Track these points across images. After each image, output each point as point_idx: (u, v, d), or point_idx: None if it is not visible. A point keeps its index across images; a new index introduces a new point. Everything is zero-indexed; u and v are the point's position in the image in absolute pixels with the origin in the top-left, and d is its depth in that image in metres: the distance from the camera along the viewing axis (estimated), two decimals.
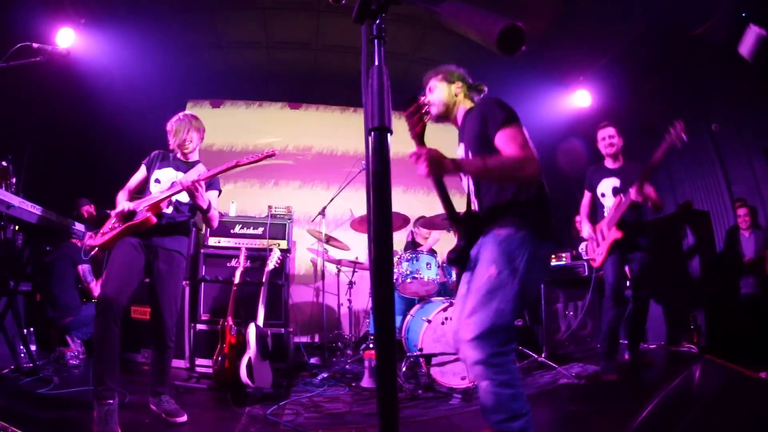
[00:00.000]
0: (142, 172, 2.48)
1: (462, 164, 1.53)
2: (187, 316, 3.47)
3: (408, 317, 3.34)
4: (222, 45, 5.03)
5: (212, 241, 3.67)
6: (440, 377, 2.82)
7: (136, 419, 2.17)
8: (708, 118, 4.42)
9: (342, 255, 4.30)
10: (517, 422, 1.40)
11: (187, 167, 2.47)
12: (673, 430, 1.09)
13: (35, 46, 2.16)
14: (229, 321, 2.84)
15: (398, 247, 4.32)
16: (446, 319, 2.93)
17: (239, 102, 5.85)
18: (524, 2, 4.06)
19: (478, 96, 1.82)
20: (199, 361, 3.31)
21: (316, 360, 3.85)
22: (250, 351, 2.70)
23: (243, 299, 3.07)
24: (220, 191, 2.59)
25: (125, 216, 2.27)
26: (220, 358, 2.74)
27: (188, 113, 2.53)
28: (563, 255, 4.29)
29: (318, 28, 4.68)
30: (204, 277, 3.58)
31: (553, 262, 4.28)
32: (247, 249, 3.37)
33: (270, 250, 3.35)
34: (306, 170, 5.77)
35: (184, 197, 2.35)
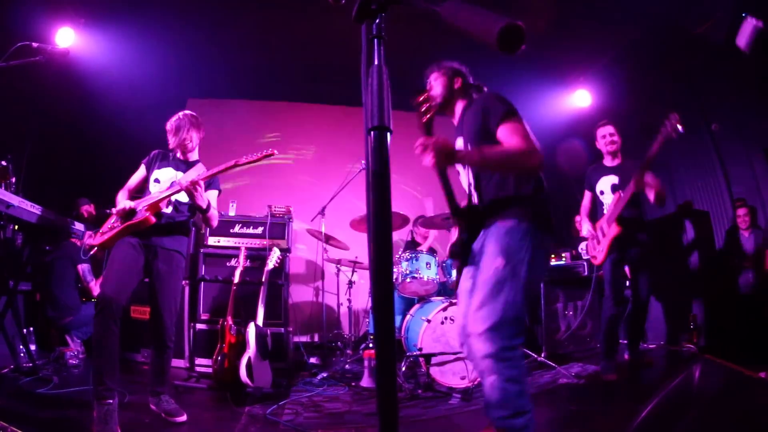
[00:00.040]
0: (141, 172, 2.48)
1: (469, 154, 1.54)
2: (186, 315, 3.46)
3: (407, 317, 3.34)
4: (222, 43, 5.02)
5: (212, 240, 3.67)
6: (440, 377, 2.82)
7: (135, 419, 2.17)
8: (708, 118, 4.42)
9: (341, 254, 4.31)
10: (520, 419, 1.41)
11: (186, 167, 2.47)
12: (673, 430, 1.09)
13: (35, 45, 2.16)
14: (229, 320, 2.84)
15: (398, 247, 4.32)
16: (446, 318, 2.94)
17: (239, 101, 5.84)
18: (524, 2, 4.06)
19: (477, 94, 1.85)
20: (198, 360, 3.31)
21: (316, 359, 3.85)
22: (250, 350, 2.70)
23: (242, 299, 3.08)
24: (220, 191, 2.59)
25: (125, 216, 2.27)
26: (219, 358, 2.75)
27: (188, 112, 2.52)
28: (563, 255, 4.28)
29: (318, 27, 4.68)
30: (203, 276, 3.58)
31: (553, 262, 4.27)
32: (247, 248, 3.37)
33: (270, 249, 3.35)
34: (306, 170, 5.77)
35: (184, 197, 2.35)
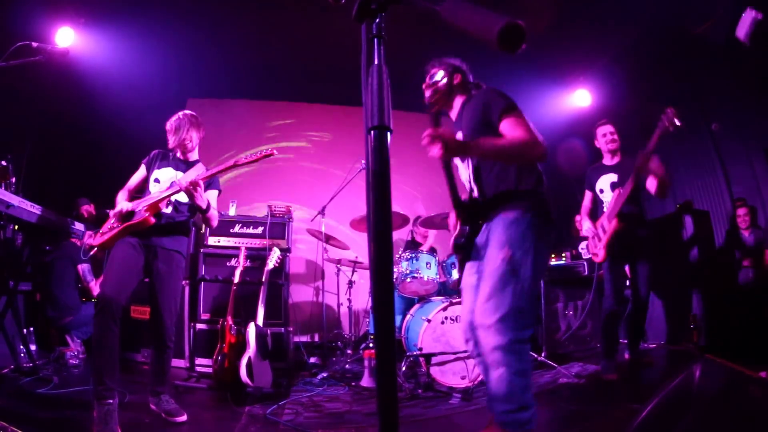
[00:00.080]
0: (141, 172, 2.48)
1: (476, 145, 1.54)
2: (186, 315, 3.46)
3: (408, 317, 3.34)
4: (222, 43, 5.02)
5: (212, 240, 3.67)
6: (440, 377, 2.82)
7: (136, 419, 2.17)
8: (708, 118, 4.42)
9: (342, 254, 4.30)
10: (525, 413, 1.42)
11: (186, 167, 2.46)
12: (673, 430, 1.08)
13: (35, 45, 2.16)
14: (229, 320, 2.84)
15: (398, 247, 4.32)
16: (446, 318, 2.93)
17: (239, 100, 5.85)
18: (524, 2, 4.06)
19: (476, 90, 1.87)
20: (198, 360, 3.31)
21: (316, 359, 3.85)
22: (250, 350, 2.70)
23: (243, 299, 3.07)
24: (220, 190, 2.58)
25: (124, 216, 2.27)
26: (219, 358, 2.74)
27: (187, 112, 2.52)
28: (563, 254, 4.28)
29: (318, 27, 4.68)
30: (204, 276, 3.57)
31: (553, 262, 4.27)
32: (247, 248, 3.37)
33: (270, 249, 3.35)
34: (306, 169, 5.77)
35: (184, 197, 2.34)
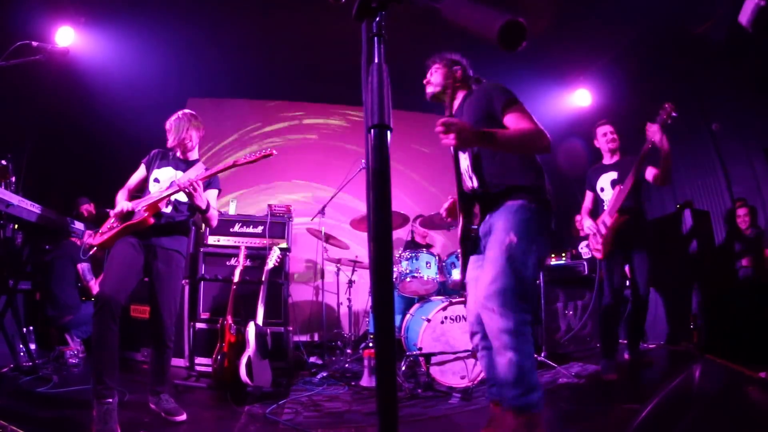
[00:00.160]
0: (141, 172, 2.48)
1: (488, 135, 1.54)
2: (186, 314, 3.46)
3: (407, 316, 3.34)
4: (222, 43, 5.01)
5: (212, 239, 3.67)
6: (440, 376, 2.82)
7: (135, 418, 2.17)
8: (708, 118, 4.42)
9: (341, 254, 4.30)
10: (534, 395, 1.45)
11: (186, 166, 2.46)
12: (673, 430, 1.08)
13: (35, 44, 2.16)
14: (229, 320, 2.83)
15: (397, 246, 4.32)
16: (446, 318, 2.93)
17: (239, 100, 5.85)
18: (525, 2, 4.06)
19: (476, 86, 1.88)
20: (198, 359, 3.31)
21: (316, 359, 3.85)
22: (250, 350, 2.70)
23: (242, 298, 3.07)
24: (220, 190, 2.58)
25: (124, 216, 2.26)
26: (219, 357, 2.74)
27: (187, 111, 2.51)
28: (563, 254, 4.28)
29: (318, 27, 4.67)
30: (203, 275, 3.57)
31: (553, 262, 4.28)
32: (247, 248, 3.37)
33: (269, 248, 3.35)
34: (306, 169, 5.77)
35: (183, 197, 2.34)
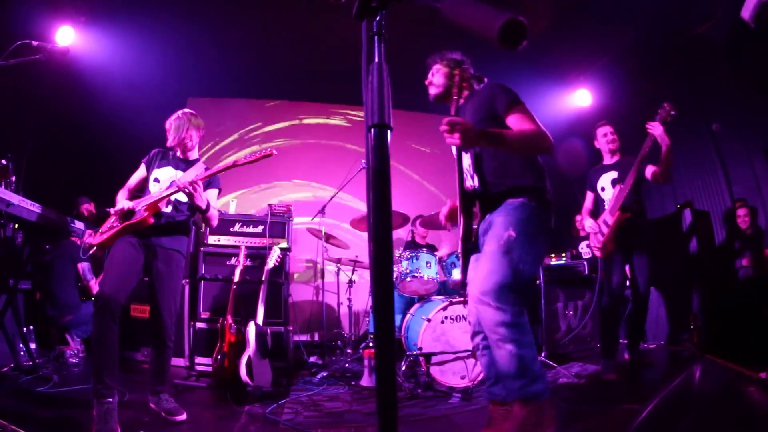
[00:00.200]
0: (141, 171, 2.48)
1: (492, 135, 1.55)
2: (186, 314, 3.46)
3: (408, 316, 3.34)
4: (222, 42, 5.01)
5: (212, 239, 3.67)
6: (440, 376, 2.82)
7: (135, 417, 2.17)
8: (708, 118, 4.42)
9: (342, 253, 4.30)
10: (538, 384, 1.47)
11: (186, 166, 2.46)
12: (673, 430, 1.08)
13: (35, 44, 2.15)
14: (229, 319, 2.84)
15: (398, 246, 4.32)
16: (446, 318, 2.93)
17: (240, 100, 5.85)
18: (525, 1, 4.05)
19: (478, 84, 1.88)
20: (198, 359, 3.31)
21: (316, 359, 3.85)
22: (250, 349, 2.70)
23: (242, 298, 3.07)
24: (221, 189, 2.58)
25: (124, 215, 2.26)
26: (219, 357, 2.74)
27: (187, 111, 2.51)
28: (563, 254, 4.28)
29: (318, 27, 4.68)
30: (204, 275, 3.57)
31: (553, 262, 4.28)
32: (247, 247, 3.37)
33: (270, 248, 3.35)
34: (306, 169, 5.77)
35: (184, 196, 2.34)
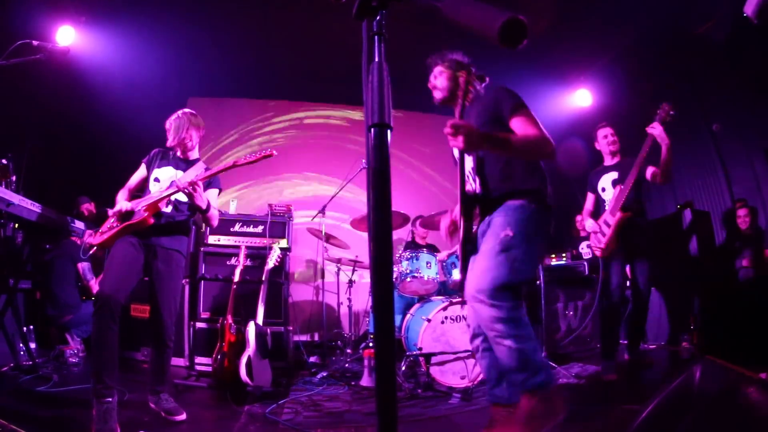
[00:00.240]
0: (142, 171, 2.48)
1: (495, 139, 1.56)
2: (186, 314, 3.46)
3: (408, 316, 3.34)
4: (223, 42, 5.02)
5: (212, 239, 3.67)
6: (440, 376, 2.82)
7: (135, 417, 2.17)
8: (708, 118, 4.42)
9: (342, 253, 4.30)
10: (541, 375, 1.46)
11: (186, 165, 2.46)
12: (673, 430, 1.08)
13: (35, 43, 2.16)
14: (229, 319, 2.84)
15: (397, 246, 4.32)
16: (446, 318, 2.93)
17: (240, 99, 5.85)
18: (525, 1, 4.05)
19: (480, 84, 1.87)
20: (198, 359, 3.31)
21: (316, 359, 3.85)
22: (250, 349, 2.70)
23: (242, 298, 3.07)
24: (221, 189, 2.58)
25: (124, 215, 2.26)
26: (219, 357, 2.74)
27: (187, 111, 2.51)
28: (563, 255, 4.28)
29: (318, 27, 4.68)
30: (204, 275, 3.58)
31: (553, 262, 4.28)
32: (247, 247, 3.37)
33: (270, 248, 3.35)
34: (306, 168, 5.77)
35: (184, 196, 2.33)
